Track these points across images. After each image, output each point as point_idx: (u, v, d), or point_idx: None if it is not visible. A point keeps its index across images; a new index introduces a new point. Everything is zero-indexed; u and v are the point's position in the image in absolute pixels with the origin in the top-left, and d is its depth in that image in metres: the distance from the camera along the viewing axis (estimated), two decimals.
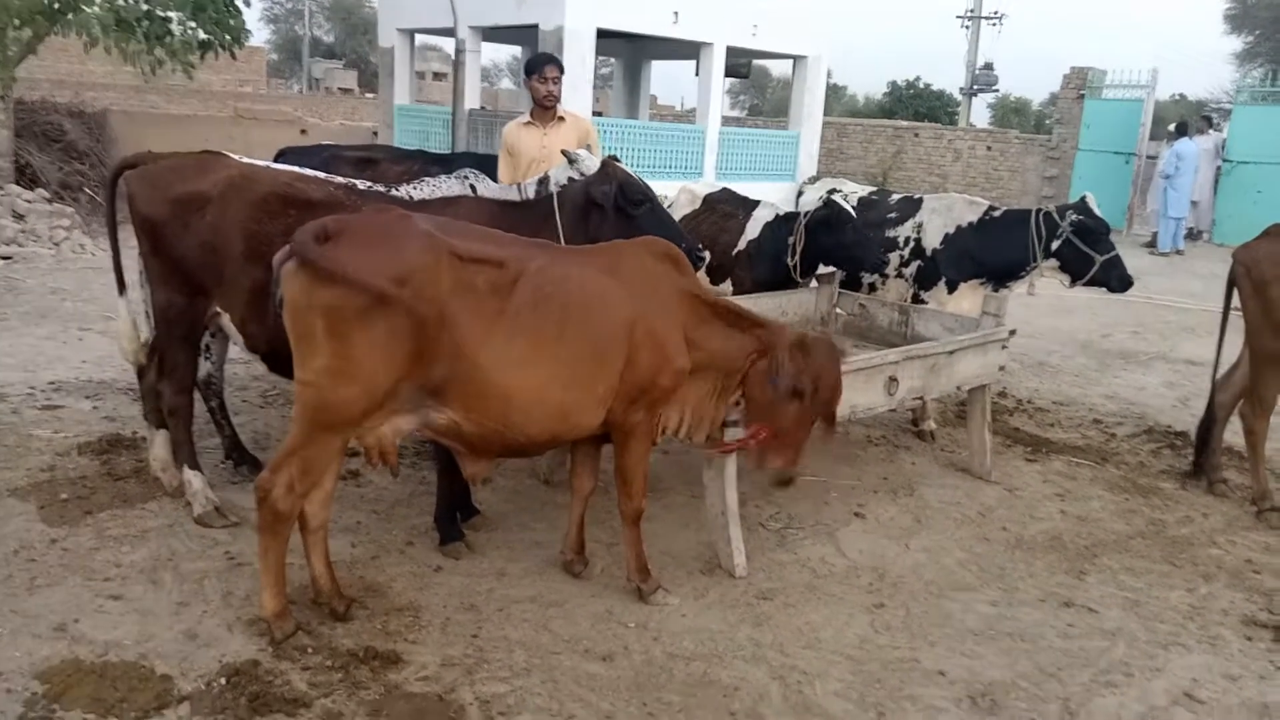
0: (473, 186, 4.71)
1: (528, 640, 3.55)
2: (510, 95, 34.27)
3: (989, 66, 30.95)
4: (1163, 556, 4.65)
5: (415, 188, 4.57)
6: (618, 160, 4.44)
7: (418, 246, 3.10)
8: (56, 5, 11.51)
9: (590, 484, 3.98)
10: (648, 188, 4.42)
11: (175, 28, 12.90)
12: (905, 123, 24.07)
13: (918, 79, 40.27)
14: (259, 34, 51.64)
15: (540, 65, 5.63)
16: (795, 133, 16.28)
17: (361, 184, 4.25)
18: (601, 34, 13.68)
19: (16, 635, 3.35)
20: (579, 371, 3.38)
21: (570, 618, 3.72)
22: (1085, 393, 7.49)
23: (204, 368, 4.66)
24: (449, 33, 14.39)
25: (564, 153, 4.64)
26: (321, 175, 4.23)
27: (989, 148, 19.97)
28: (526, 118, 5.75)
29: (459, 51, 13.81)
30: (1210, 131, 16.78)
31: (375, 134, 16.48)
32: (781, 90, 57.83)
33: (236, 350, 4.46)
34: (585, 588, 3.96)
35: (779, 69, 52.74)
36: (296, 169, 4.24)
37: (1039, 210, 5.71)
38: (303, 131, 15.87)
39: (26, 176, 12.21)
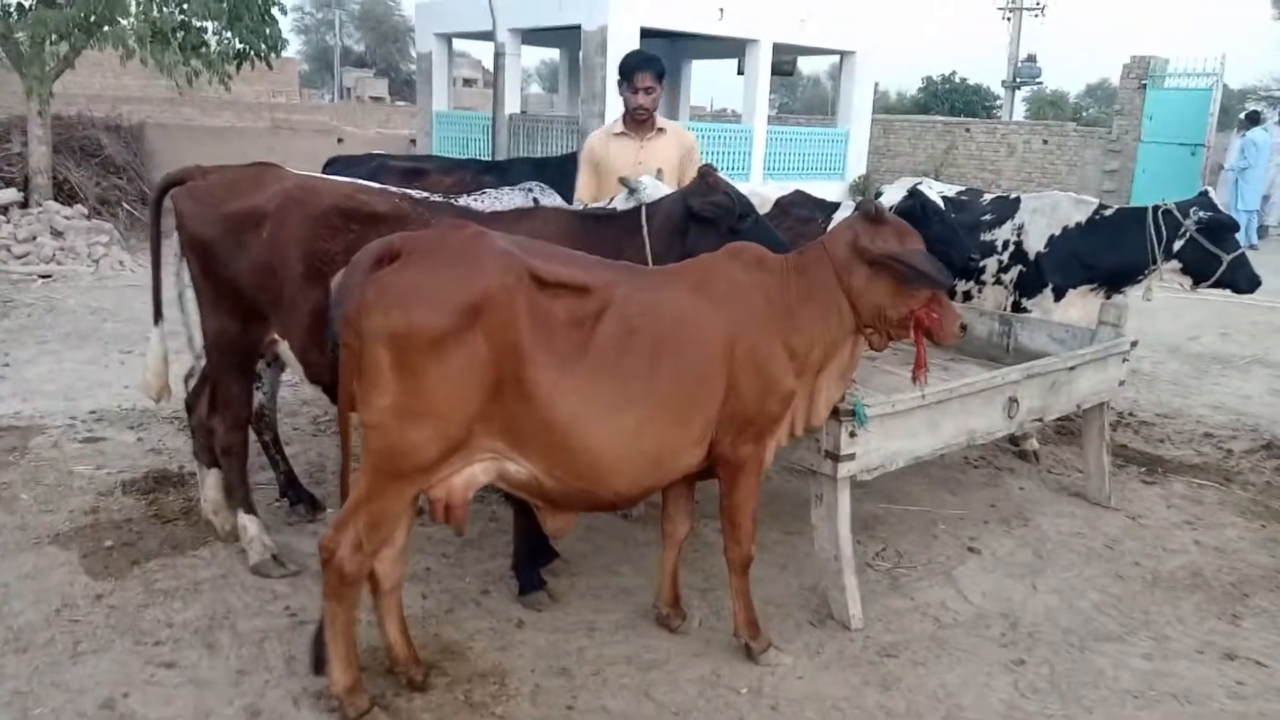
0: (535, 199, 4.31)
1: (630, 712, 3.13)
2: (540, 100, 33.99)
3: (1032, 58, 30.19)
4: None
5: (477, 199, 4.18)
6: (715, 170, 3.98)
7: (496, 267, 2.70)
8: (93, 18, 11.28)
9: (685, 527, 3.55)
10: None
11: (211, 38, 12.67)
12: (955, 118, 23.45)
13: (953, 74, 39.58)
14: (290, 44, 51.87)
15: (632, 71, 4.85)
16: (844, 130, 15.82)
17: (429, 196, 3.86)
18: (644, 33, 13.28)
19: (60, 715, 2.99)
20: (675, 412, 2.96)
21: (673, 682, 3.30)
22: (1188, 403, 6.95)
23: (256, 399, 4.29)
24: (488, 36, 14.06)
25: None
26: (384, 187, 3.84)
27: (1045, 141, 19.31)
28: (618, 126, 5.04)
29: (498, 55, 13.47)
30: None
31: (413, 142, 16.19)
32: (813, 88, 57.29)
33: (286, 373, 4.10)
34: (685, 645, 3.53)
35: (809, 67, 52.20)
36: (356, 180, 3.86)
37: (1157, 208, 5.21)
38: (339, 140, 15.59)
39: (64, 192, 12.00)
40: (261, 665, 3.27)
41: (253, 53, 12.70)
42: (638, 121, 4.95)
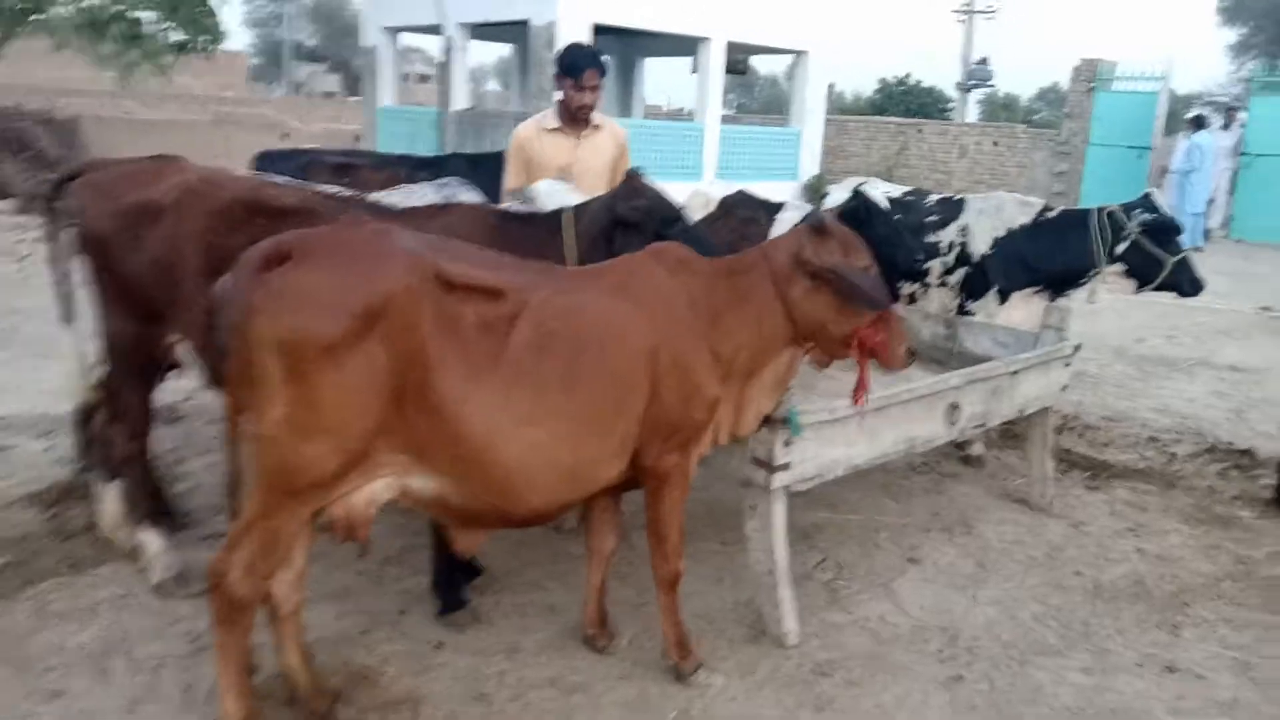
0: (451, 197, 4.11)
1: None
2: (498, 97, 33.65)
3: (984, 61, 30.45)
4: (1261, 604, 4.09)
5: (392, 195, 3.98)
6: (642, 173, 3.82)
7: (397, 267, 2.51)
8: (21, 6, 10.89)
9: (611, 542, 3.39)
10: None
11: (148, 29, 12.32)
12: (909, 119, 23.53)
13: (908, 75, 39.80)
14: (241, 38, 50.95)
15: (581, 68, 4.49)
16: (797, 130, 15.76)
17: (341, 191, 3.66)
18: (596, 30, 13.10)
19: None
20: (594, 422, 2.79)
21: (597, 706, 3.14)
22: (1133, 406, 6.92)
23: None
24: (435, 30, 13.79)
25: (511, 192, 4.03)
26: (294, 181, 3.64)
27: (995, 143, 19.43)
28: (552, 121, 4.67)
29: (446, 50, 13.20)
30: (1235, 126, 16.18)
31: (358, 138, 15.87)
32: (770, 88, 57.40)
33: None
34: (612, 666, 3.37)
35: (767, 67, 52.29)
36: (266, 174, 3.66)
37: (1101, 209, 5.14)
38: (284, 135, 15.24)
39: None
40: (155, 695, 3.07)
41: (192, 44, 12.38)
42: (576, 119, 4.67)
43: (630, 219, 3.55)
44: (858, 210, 4.87)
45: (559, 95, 4.63)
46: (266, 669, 3.09)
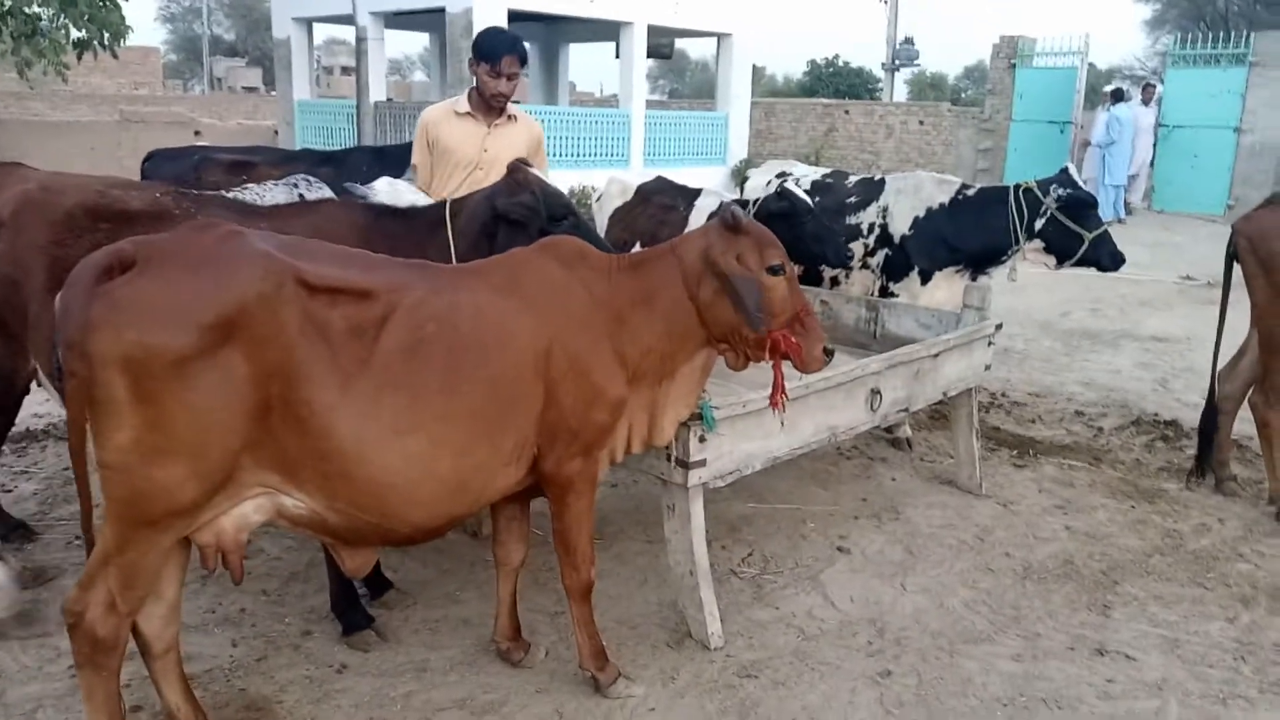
0: (300, 195, 3.83)
1: None
2: (424, 88, 33.03)
3: (910, 41, 30.60)
4: (1189, 578, 4.06)
5: (241, 194, 3.69)
6: (527, 164, 3.61)
7: (252, 271, 2.29)
8: None
9: (519, 553, 3.21)
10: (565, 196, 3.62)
11: (45, 25, 11.74)
12: (835, 101, 23.59)
13: (837, 57, 40.05)
14: (155, 34, 49.39)
15: (498, 54, 4.19)
16: (724, 114, 15.66)
17: (196, 191, 3.43)
18: (514, 16, 12.84)
19: None
20: (480, 429, 2.60)
21: None
22: (1060, 380, 6.94)
23: None
24: (349, 20, 13.40)
25: (347, 187, 3.82)
26: (145, 183, 3.39)
27: (921, 122, 19.55)
28: (463, 105, 4.37)
29: (360, 40, 12.82)
30: (1153, 102, 16.43)
31: (276, 133, 15.40)
32: (701, 73, 57.37)
33: None
34: (528, 681, 3.20)
35: (697, 51, 52.24)
36: (112, 176, 3.40)
37: (1018, 186, 5.08)
38: (196, 133, 14.71)
39: None
40: None
41: (95, 41, 11.82)
42: (490, 107, 4.37)
43: (512, 215, 3.34)
44: (784, 210, 4.76)
45: (474, 81, 4.37)
46: (154, 704, 2.88)
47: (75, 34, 11.67)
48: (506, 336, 2.63)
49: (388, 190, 3.82)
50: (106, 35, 11.71)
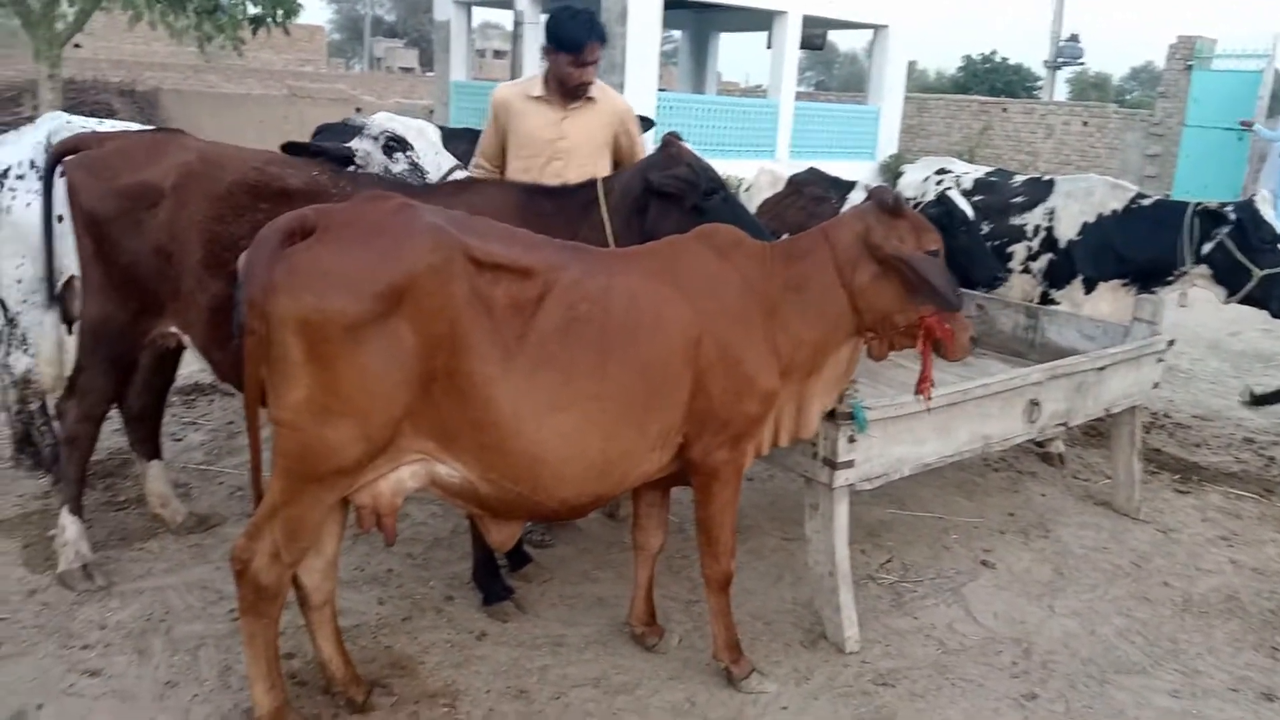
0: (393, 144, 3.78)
1: None
2: None
3: (1075, 38, 29.22)
4: None
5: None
6: (680, 138, 3.52)
7: (424, 244, 2.35)
8: None
9: (658, 540, 3.22)
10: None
11: (225, 1, 12.40)
12: (993, 98, 22.73)
13: (994, 53, 38.62)
14: (321, 14, 51.63)
15: (581, 42, 3.74)
16: (875, 108, 15.30)
17: (356, 169, 3.53)
18: (668, 3, 12.85)
19: None
20: (627, 412, 2.61)
21: (643, 710, 2.98)
22: (1228, 404, 6.51)
23: (23, 362, 4.03)
24: (508, 4, 13.67)
25: (346, 121, 3.75)
26: (300, 159, 3.45)
27: (1085, 123, 18.63)
28: (537, 88, 3.90)
29: (517, 24, 13.06)
30: None
31: (431, 112, 15.86)
32: (849, 65, 56.28)
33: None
34: (661, 666, 3.21)
35: (846, 43, 51.26)
36: (270, 150, 3.48)
37: (1196, 205, 4.77)
38: (357, 110, 15.29)
39: None
40: (193, 676, 3.00)
41: (268, 18, 12.42)
42: (574, 94, 3.90)
43: (666, 189, 3.29)
44: (940, 218, 4.57)
45: (546, 67, 3.92)
46: (306, 653, 3.01)
47: (251, 10, 12.29)
48: (658, 322, 2.62)
49: (384, 121, 3.83)
50: (280, 12, 12.30)
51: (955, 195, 4.76)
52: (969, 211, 4.63)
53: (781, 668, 3.23)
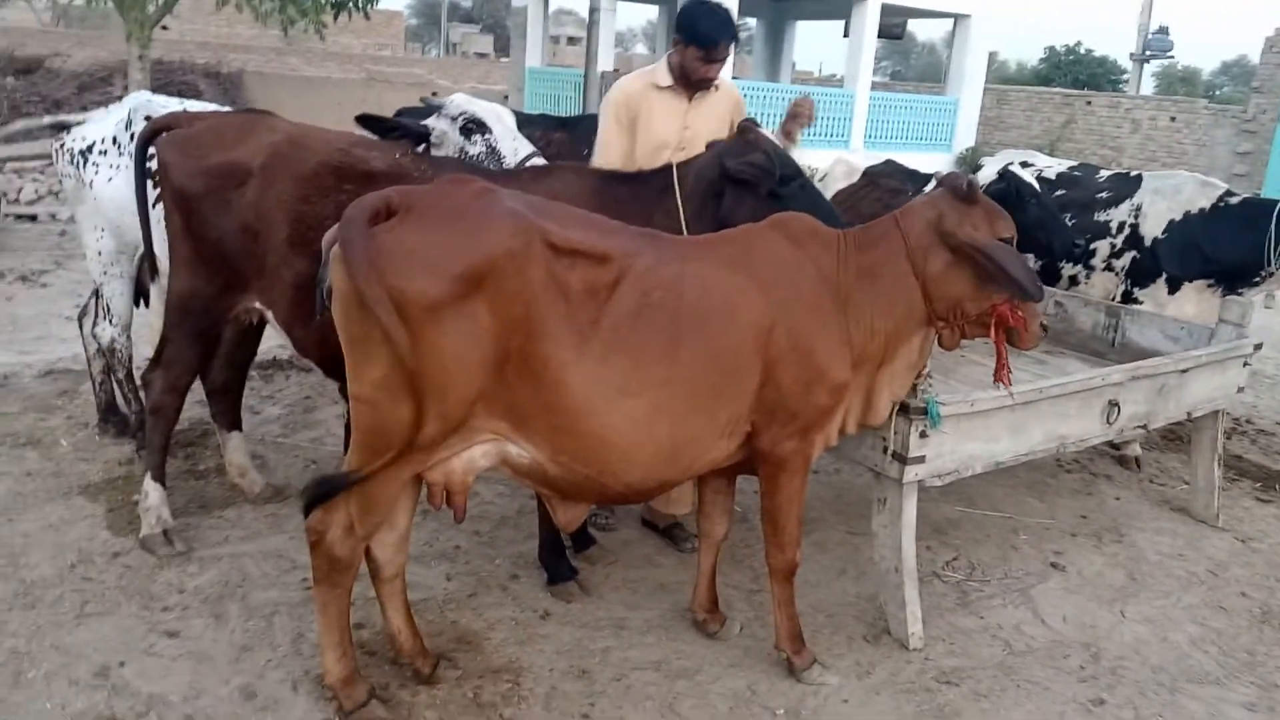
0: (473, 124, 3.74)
1: None
2: (645, 60, 33.47)
3: (1164, 30, 28.28)
4: None
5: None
6: (757, 125, 3.49)
7: (504, 228, 2.38)
8: None
9: (723, 527, 3.22)
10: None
11: None
12: (1076, 91, 22.12)
13: (1078, 44, 37.55)
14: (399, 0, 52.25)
15: (716, 40, 3.65)
16: (954, 98, 15.02)
17: (435, 154, 3.57)
18: None
19: (52, 680, 2.84)
20: (697, 399, 2.61)
21: (703, 695, 2.99)
22: None
23: (107, 333, 4.27)
24: None
25: (423, 100, 3.69)
26: (384, 142, 3.51)
27: (1173, 119, 18.04)
28: (663, 78, 3.83)
29: (593, 10, 13.08)
30: None
31: (506, 97, 15.99)
32: (927, 55, 55.28)
33: None
34: (722, 653, 3.22)
35: (924, 32, 50.33)
36: (355, 133, 3.54)
37: None
38: (433, 94, 15.48)
39: None
40: (267, 642, 3.09)
41: (350, 3, 12.62)
42: (693, 85, 3.84)
43: (741, 175, 3.24)
44: (1006, 192, 4.48)
45: (673, 57, 3.84)
46: (375, 624, 3.09)
47: None
48: (729, 311, 2.62)
49: (463, 103, 3.81)
50: None
51: (1018, 169, 4.66)
52: (1034, 184, 4.53)
53: (843, 661, 3.21)
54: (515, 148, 3.87)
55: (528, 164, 3.70)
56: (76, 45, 16.28)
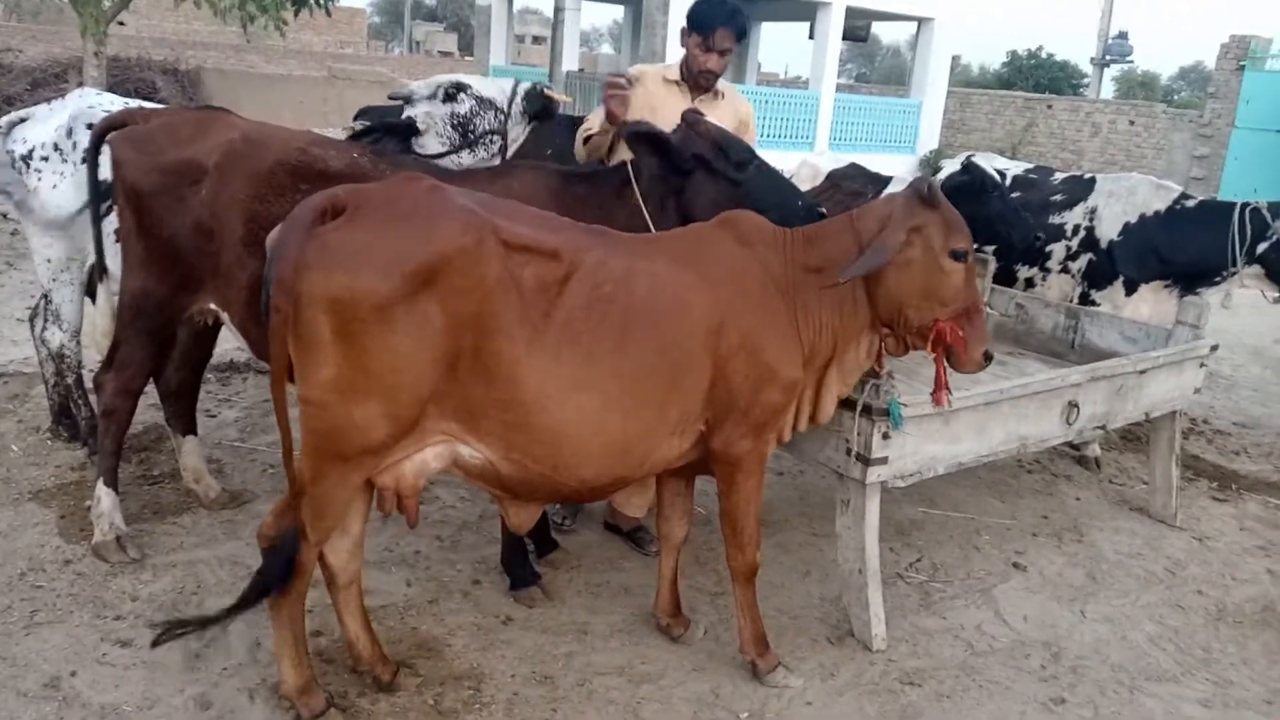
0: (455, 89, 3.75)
1: None
2: (610, 60, 33.43)
3: (1123, 35, 28.71)
4: None
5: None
6: (701, 114, 3.42)
7: (455, 225, 2.36)
8: None
9: (682, 530, 3.21)
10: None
11: None
12: (1038, 94, 22.39)
13: (1040, 49, 38.05)
14: None
15: (712, 25, 3.67)
16: (917, 101, 15.15)
17: (394, 153, 3.53)
18: None
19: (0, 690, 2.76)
20: (646, 395, 2.61)
21: (666, 700, 2.98)
22: (1270, 412, 6.40)
23: (57, 338, 4.20)
24: None
25: (392, 96, 3.70)
26: (342, 141, 3.47)
27: (1132, 122, 18.33)
28: (673, 73, 3.87)
29: (558, 10, 13.05)
30: None
31: None
32: (891, 59, 55.72)
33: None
34: (685, 657, 3.20)
35: (888, 35, 50.74)
36: (313, 131, 3.49)
37: (1245, 205, 4.68)
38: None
39: None
40: (223, 650, 3.03)
41: (311, 0, 12.47)
42: (696, 83, 3.88)
43: (691, 166, 3.22)
44: (969, 185, 4.51)
45: (683, 51, 3.90)
46: (333, 631, 3.04)
47: None
48: (678, 307, 2.62)
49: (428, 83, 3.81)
50: None
51: (981, 159, 4.68)
52: (996, 175, 4.56)
53: (807, 663, 3.21)
54: (501, 87, 3.85)
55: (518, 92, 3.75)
56: (29, 40, 15.99)
